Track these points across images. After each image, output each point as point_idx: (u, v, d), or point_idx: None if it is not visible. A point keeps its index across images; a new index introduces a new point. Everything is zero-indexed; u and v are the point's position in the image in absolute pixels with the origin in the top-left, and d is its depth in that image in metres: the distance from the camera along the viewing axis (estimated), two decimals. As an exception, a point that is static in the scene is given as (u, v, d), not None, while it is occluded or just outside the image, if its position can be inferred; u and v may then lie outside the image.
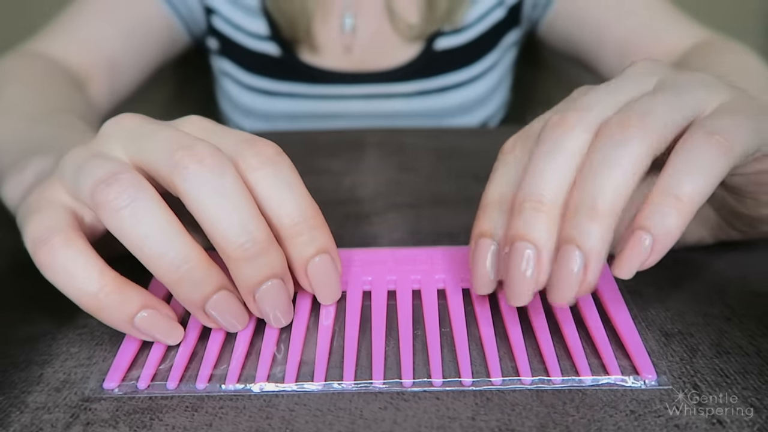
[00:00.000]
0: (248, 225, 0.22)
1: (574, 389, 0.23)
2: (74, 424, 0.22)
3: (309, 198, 0.24)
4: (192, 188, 0.22)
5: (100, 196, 0.22)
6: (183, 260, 0.22)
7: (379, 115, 0.63)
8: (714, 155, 0.21)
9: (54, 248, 0.22)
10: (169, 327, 0.24)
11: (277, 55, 0.61)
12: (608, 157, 0.22)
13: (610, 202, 0.21)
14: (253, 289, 0.23)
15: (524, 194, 0.22)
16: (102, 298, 0.22)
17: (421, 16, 0.60)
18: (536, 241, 0.22)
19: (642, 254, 0.22)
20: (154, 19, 0.58)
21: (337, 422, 0.21)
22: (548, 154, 0.23)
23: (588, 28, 0.59)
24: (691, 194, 0.21)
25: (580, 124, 0.23)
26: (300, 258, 0.24)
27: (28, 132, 0.37)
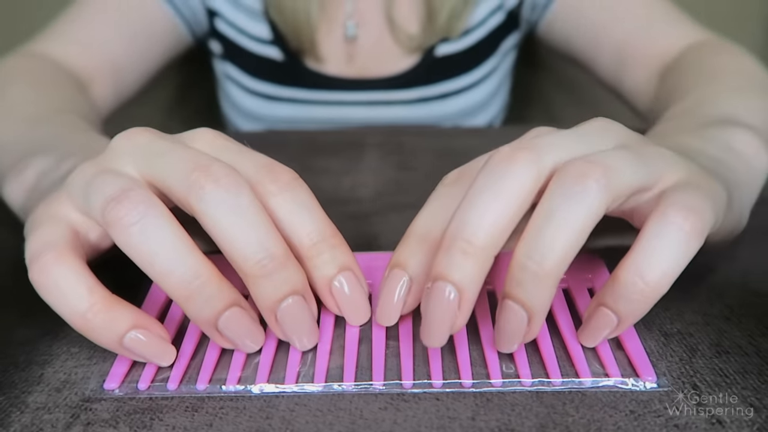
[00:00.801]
0: (265, 242, 0.22)
1: (573, 390, 0.23)
2: (74, 424, 0.22)
3: (327, 219, 0.24)
4: (208, 208, 0.22)
5: (110, 214, 0.22)
6: (193, 276, 0.22)
7: (380, 122, 0.63)
8: (689, 237, 0.21)
9: (45, 265, 0.22)
10: (160, 347, 0.23)
11: (280, 59, 0.61)
12: (562, 210, 0.21)
13: (558, 263, 0.21)
14: (274, 308, 0.23)
15: (456, 230, 0.21)
16: (90, 317, 0.22)
17: (422, 27, 0.60)
18: (460, 283, 0.21)
19: (606, 329, 0.23)
20: (157, 20, 0.58)
21: (337, 422, 0.22)
22: (490, 190, 0.21)
23: (585, 30, 0.59)
24: (659, 282, 0.21)
25: (530, 161, 0.21)
26: (323, 277, 0.24)
27: (29, 132, 0.37)
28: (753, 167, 0.31)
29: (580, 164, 0.21)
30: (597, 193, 0.21)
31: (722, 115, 0.35)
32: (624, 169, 0.21)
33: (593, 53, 0.59)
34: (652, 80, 0.53)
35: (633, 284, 0.21)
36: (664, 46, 0.53)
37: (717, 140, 0.31)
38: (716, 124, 0.33)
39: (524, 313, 0.22)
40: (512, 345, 0.23)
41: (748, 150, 0.31)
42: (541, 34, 0.63)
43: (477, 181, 0.22)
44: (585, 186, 0.21)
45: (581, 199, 0.21)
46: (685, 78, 0.46)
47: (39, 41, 0.54)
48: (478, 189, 0.22)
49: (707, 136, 0.32)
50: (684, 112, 0.38)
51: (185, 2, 0.59)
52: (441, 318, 0.22)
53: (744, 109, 0.36)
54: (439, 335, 0.22)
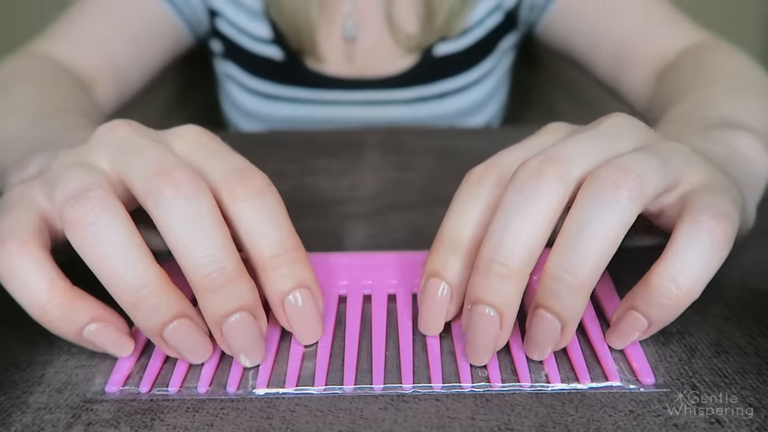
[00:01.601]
0: (217, 254, 0.22)
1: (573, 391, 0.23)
2: (75, 424, 0.22)
3: (292, 230, 0.24)
4: (164, 214, 0.22)
5: (67, 212, 0.22)
6: (142, 284, 0.21)
7: (379, 121, 0.63)
8: (721, 243, 0.21)
9: (8, 253, 0.22)
10: (119, 340, 0.23)
11: (280, 59, 0.61)
12: (595, 220, 0.21)
13: (591, 273, 0.21)
14: (220, 322, 0.22)
15: (492, 252, 0.22)
16: (49, 309, 0.22)
17: (420, 27, 0.60)
18: (500, 306, 0.22)
19: (636, 332, 0.23)
20: (158, 20, 0.58)
21: (337, 422, 0.22)
22: (521, 210, 0.21)
23: (584, 31, 0.59)
24: (691, 288, 0.21)
25: (558, 178, 0.22)
26: (277, 292, 0.23)
27: (33, 130, 0.37)
28: (755, 169, 0.31)
29: (611, 173, 0.21)
30: (629, 202, 0.21)
31: (723, 118, 0.35)
32: (652, 175, 0.22)
33: (592, 54, 0.59)
34: (650, 81, 0.53)
35: (666, 290, 0.21)
36: (662, 46, 0.53)
37: (720, 142, 0.31)
38: (717, 127, 0.33)
39: (558, 322, 0.22)
40: (545, 353, 0.23)
41: (749, 152, 0.31)
42: (539, 34, 0.63)
43: (507, 199, 0.22)
44: (617, 195, 0.21)
45: (613, 209, 0.21)
46: (683, 79, 0.46)
47: (40, 42, 0.54)
48: (510, 209, 0.22)
49: (711, 138, 0.32)
50: (684, 114, 0.38)
51: (186, 2, 0.59)
52: (485, 339, 0.22)
53: (743, 112, 0.36)
54: (484, 354, 0.23)
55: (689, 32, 0.54)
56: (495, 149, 0.26)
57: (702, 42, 0.52)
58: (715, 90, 0.41)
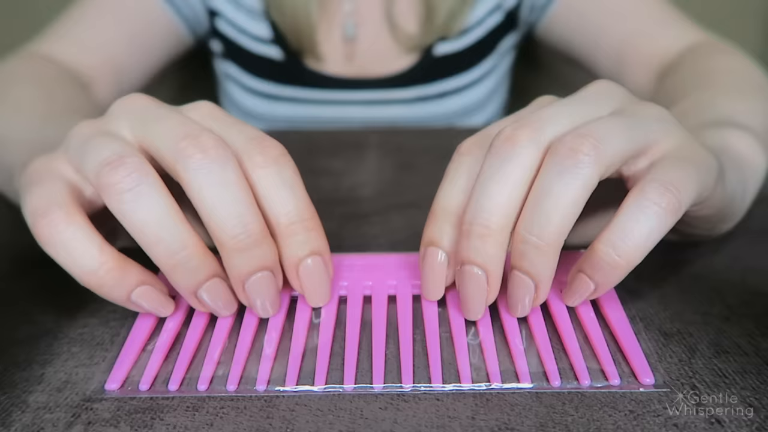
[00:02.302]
0: (244, 217, 0.23)
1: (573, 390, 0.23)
2: (75, 423, 0.22)
3: (308, 200, 0.25)
4: (194, 177, 0.23)
5: (105, 178, 0.22)
6: (180, 247, 0.23)
7: (379, 121, 0.63)
8: (663, 213, 0.22)
9: (54, 223, 0.23)
10: (162, 300, 0.25)
11: (280, 59, 0.61)
12: (556, 184, 0.22)
13: (555, 235, 0.22)
14: (244, 279, 0.24)
15: (472, 216, 0.23)
16: (102, 275, 0.23)
17: (420, 27, 0.60)
18: (484, 265, 0.23)
19: (585, 293, 0.24)
20: (157, 21, 0.58)
21: (337, 422, 0.22)
22: (496, 174, 0.23)
23: (585, 31, 0.59)
24: (632, 255, 0.22)
25: (531, 141, 0.23)
26: (292, 257, 0.25)
27: (40, 130, 0.37)
28: (750, 166, 0.31)
29: (571, 139, 0.22)
30: (588, 166, 0.22)
31: (719, 117, 0.35)
32: (615, 138, 0.23)
33: (593, 54, 0.59)
34: (651, 81, 0.53)
35: (607, 255, 0.23)
36: (663, 47, 0.53)
37: (715, 140, 0.32)
38: (713, 126, 0.33)
39: (530, 281, 0.23)
40: (524, 309, 0.25)
41: (744, 150, 0.32)
42: (540, 34, 0.63)
43: (485, 165, 0.23)
44: (576, 160, 0.22)
45: (574, 174, 0.22)
46: (683, 80, 0.46)
47: (40, 42, 0.54)
48: (487, 174, 0.23)
49: (705, 136, 0.32)
50: (682, 114, 0.38)
51: (186, 2, 0.59)
52: (475, 296, 0.24)
53: (741, 111, 0.36)
54: (477, 309, 0.25)
55: (690, 32, 0.54)
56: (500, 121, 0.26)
57: (702, 42, 0.52)
58: (714, 90, 0.41)
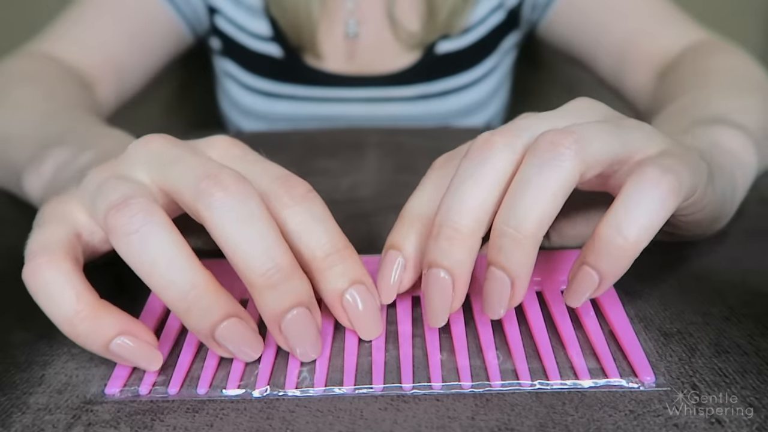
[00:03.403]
0: (271, 252, 0.22)
1: (573, 390, 0.23)
2: (75, 424, 0.22)
3: (340, 231, 0.24)
4: (216, 216, 0.22)
5: (111, 221, 0.22)
6: (190, 287, 0.22)
7: (379, 119, 0.63)
8: (666, 193, 0.22)
9: (38, 267, 0.22)
10: (147, 353, 0.23)
11: (279, 56, 0.61)
12: (536, 177, 0.21)
13: (534, 228, 0.21)
14: (279, 318, 0.22)
15: (442, 218, 0.23)
16: (77, 323, 0.22)
17: (422, 25, 0.60)
18: (450, 268, 0.22)
19: (590, 288, 0.23)
20: (158, 19, 0.58)
21: (337, 423, 0.22)
22: (470, 177, 0.22)
23: (586, 30, 0.59)
24: (638, 237, 0.21)
25: (506, 145, 0.23)
26: (334, 290, 0.24)
27: (44, 126, 0.38)
28: (740, 164, 0.31)
29: (552, 133, 0.22)
30: (569, 159, 0.22)
31: (712, 115, 0.35)
32: (597, 138, 0.22)
33: (594, 53, 0.59)
34: (652, 80, 0.53)
35: (613, 239, 0.22)
36: (664, 45, 0.53)
37: (705, 138, 0.32)
38: (705, 123, 0.34)
39: (507, 277, 0.22)
40: (499, 310, 0.23)
41: (734, 147, 0.32)
42: (541, 33, 0.63)
43: (459, 169, 0.23)
44: (557, 153, 0.22)
45: (554, 165, 0.22)
46: (682, 78, 0.46)
47: (40, 41, 0.54)
48: (460, 177, 0.23)
49: (696, 134, 0.32)
50: (677, 111, 0.38)
51: (186, 1, 0.59)
52: (439, 300, 0.23)
53: (736, 109, 0.36)
54: (439, 316, 0.24)
55: (691, 31, 0.54)
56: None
57: (703, 41, 0.52)
58: (712, 88, 0.41)
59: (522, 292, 0.23)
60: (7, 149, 0.38)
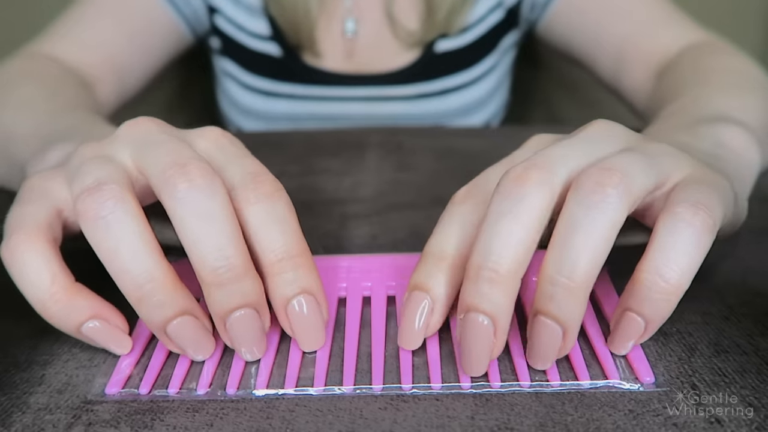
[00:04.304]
0: (226, 250, 0.22)
1: (572, 390, 0.23)
2: (76, 424, 0.22)
3: (298, 237, 0.24)
4: (177, 206, 0.22)
5: (81, 204, 0.22)
6: (147, 279, 0.22)
7: (379, 117, 0.63)
8: (700, 231, 0.21)
9: (15, 245, 0.22)
10: (116, 337, 0.24)
11: (278, 55, 0.61)
12: (584, 221, 0.21)
13: (586, 274, 0.21)
14: (224, 317, 0.23)
15: (480, 259, 0.21)
16: (50, 306, 0.22)
17: (421, 23, 0.60)
18: (492, 313, 0.21)
19: (635, 335, 0.23)
20: (158, 19, 0.58)
21: (337, 422, 0.22)
22: (507, 215, 0.21)
23: (585, 30, 0.59)
24: (679, 279, 0.21)
25: (543, 182, 0.21)
26: (281, 296, 0.23)
27: (48, 124, 0.38)
28: (743, 163, 0.31)
29: (597, 173, 0.21)
30: (617, 200, 0.21)
31: (714, 113, 0.35)
32: (638, 173, 0.22)
33: (593, 53, 0.59)
34: (650, 79, 0.53)
35: (654, 284, 0.21)
36: (663, 45, 0.53)
37: (708, 137, 0.32)
38: (707, 122, 0.34)
39: (559, 327, 0.21)
40: (547, 361, 0.23)
41: (737, 146, 0.32)
42: (540, 33, 0.63)
43: (493, 205, 0.22)
44: (605, 194, 0.21)
45: (603, 208, 0.21)
46: (681, 78, 0.46)
47: (40, 42, 0.54)
48: (496, 215, 0.21)
49: (699, 133, 0.32)
50: (678, 111, 0.38)
51: (186, 1, 0.59)
52: (479, 348, 0.22)
53: (737, 107, 0.36)
54: (479, 364, 0.22)
55: (690, 31, 0.54)
56: (494, 149, 0.26)
57: (702, 41, 0.52)
58: (711, 87, 0.41)
59: (572, 342, 0.22)
60: (10, 146, 0.38)
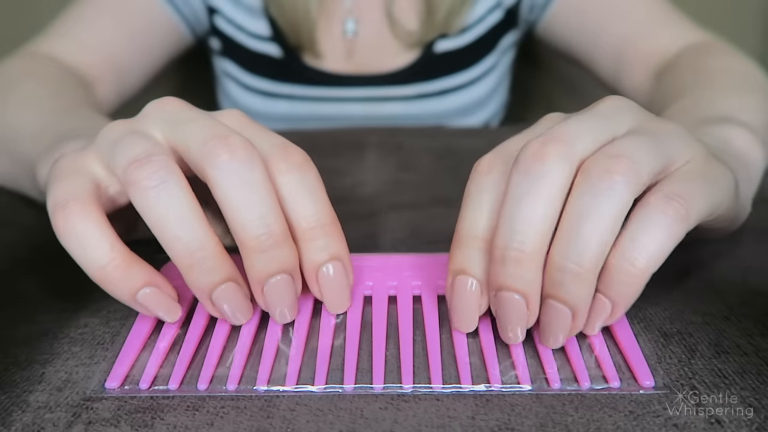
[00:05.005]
0: (267, 218, 0.23)
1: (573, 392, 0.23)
2: (76, 423, 0.22)
3: (328, 206, 0.25)
4: (221, 176, 0.23)
5: (132, 175, 0.23)
6: (198, 246, 0.23)
7: (379, 118, 0.63)
8: (671, 223, 0.22)
9: (71, 215, 0.23)
10: (169, 305, 0.25)
11: (279, 56, 0.61)
12: (592, 208, 0.21)
13: (594, 259, 0.22)
14: (263, 281, 0.24)
15: (505, 240, 0.22)
16: (110, 271, 0.23)
17: (420, 23, 0.60)
18: (523, 290, 0.22)
19: (602, 315, 0.23)
20: (157, 20, 0.58)
21: (337, 422, 0.22)
22: (528, 193, 0.22)
23: (585, 30, 0.59)
24: (646, 265, 0.22)
25: (561, 157, 0.22)
26: (312, 262, 0.25)
27: (55, 122, 0.38)
28: (748, 163, 0.32)
29: (604, 160, 0.22)
30: (623, 187, 0.21)
31: (717, 114, 0.35)
32: (645, 158, 0.22)
33: (592, 53, 0.59)
34: (649, 80, 0.53)
35: (622, 268, 0.22)
36: (662, 46, 0.53)
37: (714, 137, 0.32)
38: (712, 122, 0.34)
39: (568, 311, 0.22)
40: (558, 341, 0.24)
41: (742, 146, 0.32)
42: (540, 33, 0.63)
43: (512, 183, 0.22)
44: (612, 182, 0.21)
45: (610, 196, 0.21)
46: (682, 78, 0.46)
47: (40, 41, 0.54)
48: (517, 193, 0.22)
49: (705, 133, 0.32)
50: (681, 111, 0.38)
51: (186, 1, 0.59)
52: (515, 321, 0.23)
53: (740, 108, 0.36)
54: (517, 334, 0.24)
55: (689, 32, 0.54)
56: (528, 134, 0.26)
57: (702, 42, 0.52)
58: (713, 88, 0.41)
59: (582, 322, 0.23)
60: (17, 144, 0.38)
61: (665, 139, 0.24)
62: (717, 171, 0.25)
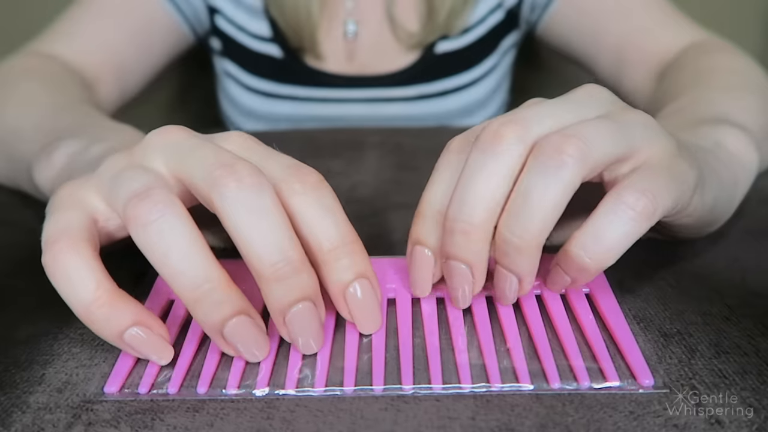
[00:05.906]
0: (282, 245, 0.22)
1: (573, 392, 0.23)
2: (76, 424, 0.22)
3: (349, 224, 0.24)
4: (229, 207, 0.22)
5: (131, 210, 0.22)
6: (203, 280, 0.22)
7: (379, 119, 0.63)
8: (637, 218, 0.23)
9: (59, 252, 0.22)
10: (159, 346, 0.24)
11: (280, 57, 0.61)
12: (539, 185, 0.22)
13: (536, 235, 0.23)
14: (284, 311, 0.23)
15: (455, 213, 0.23)
16: (93, 310, 0.22)
17: (421, 25, 0.60)
18: (468, 260, 0.24)
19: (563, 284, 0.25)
20: (158, 19, 0.58)
21: (338, 423, 0.22)
22: (480, 171, 0.23)
23: (585, 30, 0.59)
24: (603, 257, 0.23)
25: (518, 138, 0.23)
26: (338, 283, 0.24)
27: (53, 120, 0.38)
28: (742, 164, 0.32)
29: (556, 139, 0.23)
30: (572, 167, 0.22)
31: (714, 114, 0.35)
32: (600, 141, 0.23)
33: (593, 54, 0.59)
34: (650, 80, 0.53)
35: (578, 257, 0.23)
36: (663, 45, 0.53)
37: (708, 137, 0.32)
38: (707, 122, 0.34)
39: (514, 277, 0.24)
40: (508, 301, 0.26)
41: (736, 147, 0.32)
42: (540, 34, 0.63)
43: (469, 160, 0.24)
44: (560, 161, 0.22)
45: (556, 174, 0.22)
46: (682, 78, 0.46)
47: (41, 41, 0.54)
48: (471, 170, 0.23)
49: (698, 133, 0.32)
50: (678, 111, 0.38)
51: (187, 1, 0.59)
52: (462, 288, 0.25)
53: (736, 109, 0.36)
54: (465, 298, 0.25)
55: (690, 32, 0.54)
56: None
57: (702, 41, 0.52)
58: (712, 88, 0.41)
59: (529, 284, 0.24)
60: (15, 142, 0.38)
61: (631, 128, 0.24)
62: (682, 167, 0.25)
